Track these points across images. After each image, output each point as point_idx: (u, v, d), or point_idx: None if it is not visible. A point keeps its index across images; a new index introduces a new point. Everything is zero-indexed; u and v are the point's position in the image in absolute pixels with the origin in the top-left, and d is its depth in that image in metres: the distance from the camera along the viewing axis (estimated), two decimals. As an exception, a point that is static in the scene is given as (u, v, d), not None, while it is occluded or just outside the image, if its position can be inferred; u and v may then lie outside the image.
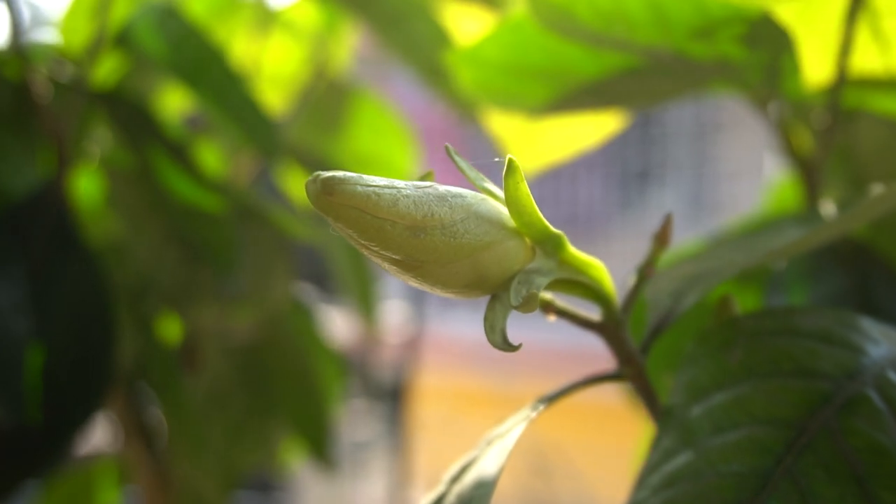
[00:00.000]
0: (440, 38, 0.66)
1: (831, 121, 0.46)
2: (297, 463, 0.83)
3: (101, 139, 0.60)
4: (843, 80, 0.45)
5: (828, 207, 0.41)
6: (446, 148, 0.28)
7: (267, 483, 2.04)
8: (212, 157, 0.74)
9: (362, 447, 2.36)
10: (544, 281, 0.28)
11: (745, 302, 0.49)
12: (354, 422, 2.33)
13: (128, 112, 0.56)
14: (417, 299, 2.09)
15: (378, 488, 2.33)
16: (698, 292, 0.34)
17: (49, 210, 0.54)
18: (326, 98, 0.86)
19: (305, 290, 0.80)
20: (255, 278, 0.65)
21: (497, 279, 0.27)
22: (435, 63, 0.66)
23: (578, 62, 0.47)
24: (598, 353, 0.36)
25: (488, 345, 0.32)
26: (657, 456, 0.31)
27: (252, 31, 0.78)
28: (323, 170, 0.70)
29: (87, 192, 0.63)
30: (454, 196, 0.26)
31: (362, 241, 0.25)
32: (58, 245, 0.54)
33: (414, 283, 0.26)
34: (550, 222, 0.28)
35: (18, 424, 0.50)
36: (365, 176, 0.24)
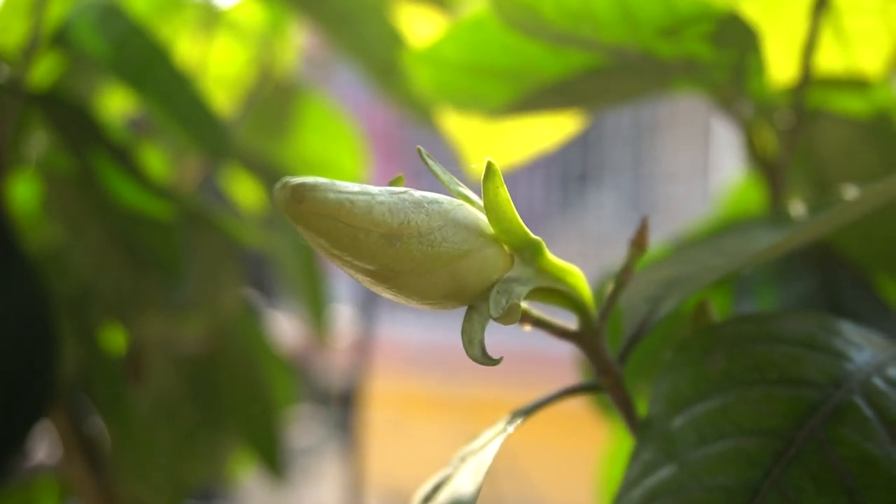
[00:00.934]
0: (392, 37, 0.65)
1: (796, 121, 0.45)
2: (244, 472, 0.81)
3: (38, 142, 0.58)
4: (807, 80, 0.45)
5: (797, 209, 0.41)
6: (418, 150, 0.26)
7: (211, 492, 2.00)
8: (156, 160, 0.72)
9: (309, 452, 2.34)
10: (524, 290, 0.26)
11: (719, 305, 0.48)
12: (300, 427, 2.30)
13: (66, 114, 0.54)
14: (366, 302, 2.07)
15: (325, 494, 2.30)
16: (677, 298, 0.33)
17: (-15, 216, 0.52)
18: (273, 100, 0.84)
19: (252, 296, 0.78)
20: (203, 285, 0.62)
21: (475, 289, 0.25)
22: (387, 63, 0.65)
23: (541, 61, 0.45)
24: (549, 354, 0.35)
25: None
26: (637, 469, 0.30)
27: (196, 30, 0.75)
28: (270, 174, 0.68)
29: (25, 198, 0.60)
30: (430, 202, 0.24)
31: (334, 251, 0.23)
32: (-5, 253, 0.51)
33: (388, 295, 0.25)
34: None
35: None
36: (337, 182, 0.23)
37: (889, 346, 0.31)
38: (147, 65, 0.51)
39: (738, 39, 0.41)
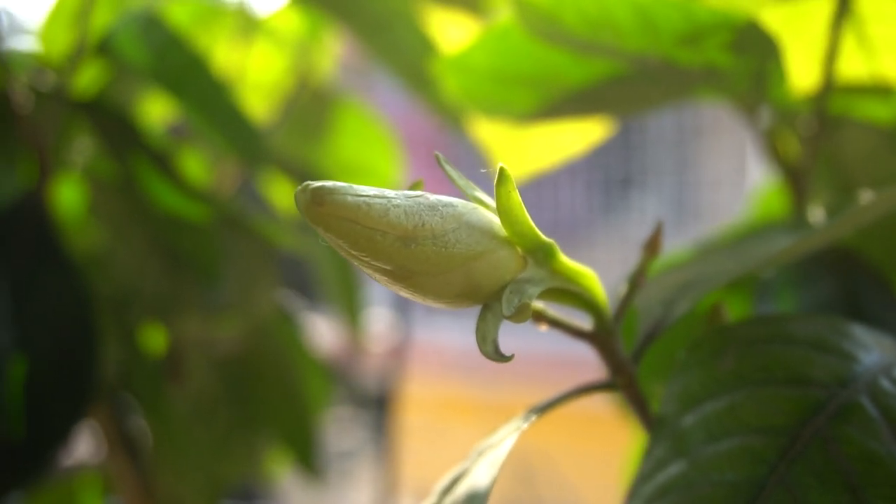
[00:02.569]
0: (424, 45, 0.66)
1: (818, 127, 0.46)
2: (281, 472, 0.82)
3: (83, 148, 0.60)
4: (829, 87, 0.45)
5: (816, 214, 0.41)
6: (436, 156, 0.28)
7: (251, 492, 2.02)
8: (195, 165, 0.73)
9: (347, 456, 2.36)
10: (536, 290, 0.27)
11: (734, 309, 0.49)
12: (339, 430, 2.32)
13: (109, 121, 0.56)
14: (403, 307, 2.09)
15: (363, 497, 2.32)
16: (690, 300, 0.34)
17: (30, 221, 0.54)
18: (310, 106, 0.86)
19: (289, 299, 0.80)
20: (240, 288, 0.64)
21: (489, 289, 0.27)
22: (419, 70, 0.66)
23: (566, 69, 0.46)
24: (584, 360, 0.36)
25: (473, 353, 0.31)
26: (649, 465, 0.31)
27: (235, 38, 0.77)
28: (307, 178, 0.70)
29: (70, 202, 0.62)
30: (445, 205, 0.25)
31: (353, 252, 0.24)
32: (39, 256, 0.53)
33: (405, 294, 0.26)
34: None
35: (1, 436, 0.49)
36: (355, 186, 0.24)
37: (897, 347, 0.32)
38: (186, 73, 0.53)
39: (758, 47, 0.42)
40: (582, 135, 0.60)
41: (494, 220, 0.27)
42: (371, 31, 0.70)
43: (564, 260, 0.29)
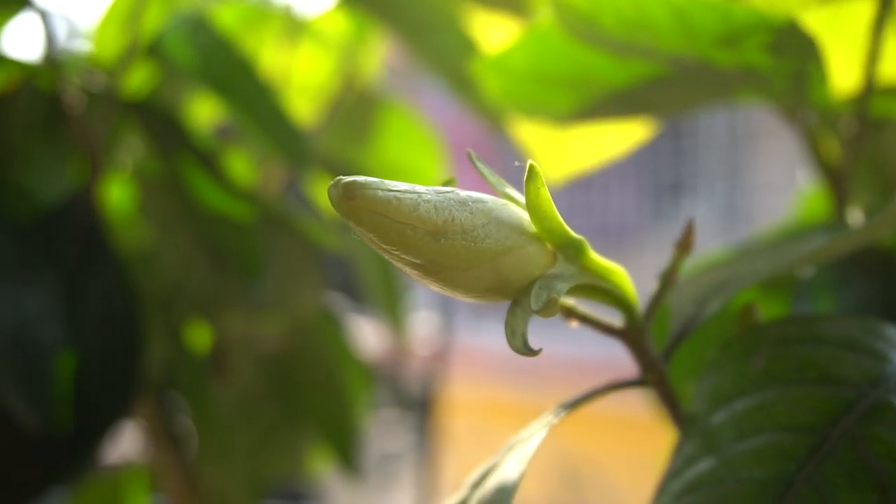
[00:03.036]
0: (467, 47, 0.67)
1: (859, 129, 0.46)
2: (326, 472, 0.83)
3: (132, 148, 0.61)
4: (870, 89, 0.45)
5: (855, 216, 0.41)
6: (468, 154, 0.28)
7: (296, 492, 2.04)
8: (242, 166, 0.75)
9: (391, 458, 2.37)
10: (565, 286, 0.28)
11: (771, 310, 0.49)
12: (384, 432, 2.33)
13: (158, 121, 0.57)
14: (447, 310, 2.09)
15: (407, 499, 2.33)
16: (721, 299, 0.34)
17: (80, 219, 0.55)
18: (356, 108, 0.87)
19: (335, 300, 0.81)
20: (283, 287, 0.65)
21: (518, 284, 0.27)
22: (462, 73, 0.66)
23: (604, 70, 0.47)
24: (627, 365, 0.36)
25: (517, 356, 0.32)
26: (679, 462, 0.31)
27: (281, 41, 0.78)
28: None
29: (119, 201, 0.63)
30: (475, 201, 0.26)
31: (384, 246, 0.25)
32: (88, 253, 0.54)
33: (435, 288, 0.26)
34: (581, 232, 0.28)
35: (46, 430, 0.51)
36: (386, 181, 0.25)
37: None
38: (231, 75, 0.54)
39: (798, 48, 0.41)
40: (623, 136, 0.60)
41: (524, 216, 0.27)
42: (415, 33, 0.71)
43: (594, 256, 0.29)
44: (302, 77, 0.85)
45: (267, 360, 0.71)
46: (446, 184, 0.28)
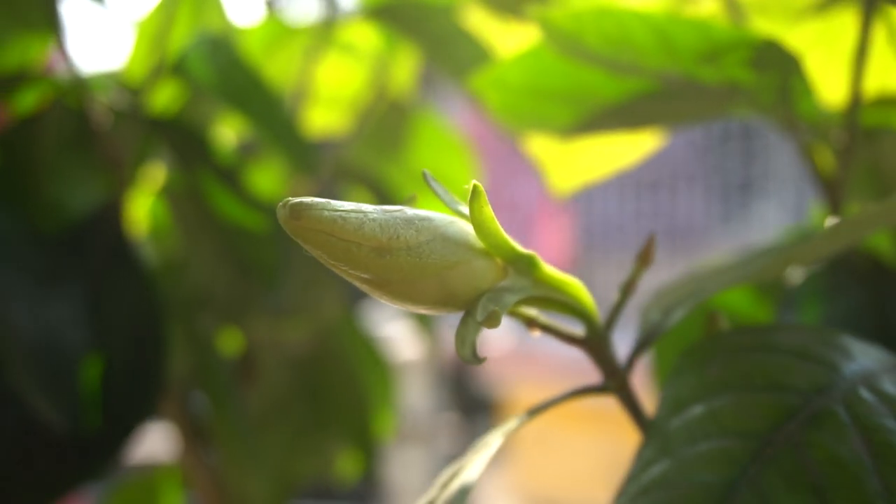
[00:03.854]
0: (483, 58, 0.68)
1: (849, 140, 0.47)
2: (353, 472, 0.85)
3: (158, 163, 0.64)
4: (857, 100, 0.46)
5: (830, 222, 0.42)
6: (423, 173, 0.30)
7: (362, 493, 2.07)
8: (270, 177, 0.77)
9: (456, 461, 2.38)
10: (514, 298, 0.29)
11: (760, 318, 0.50)
12: (449, 436, 2.35)
13: (181, 137, 0.60)
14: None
15: (474, 501, 2.34)
16: (685, 309, 0.35)
17: (106, 230, 0.58)
18: (388, 117, 0.89)
19: (365, 306, 0.83)
20: (305, 293, 0.67)
21: (466, 296, 0.29)
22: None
23: (597, 85, 0.48)
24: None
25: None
26: (637, 466, 0.33)
27: (312, 54, 0.81)
28: (381, 189, 0.73)
29: (148, 213, 0.66)
30: (421, 219, 0.28)
31: (332, 262, 0.27)
32: (114, 263, 0.57)
33: (385, 300, 0.28)
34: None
35: (72, 432, 0.53)
36: (333, 201, 0.27)
37: (889, 360, 0.33)
38: (246, 92, 0.57)
39: (779, 64, 0.43)
40: (632, 146, 0.61)
41: (472, 232, 0.29)
42: (435, 45, 0.73)
43: (548, 270, 0.31)
44: (334, 88, 0.87)
45: (294, 364, 0.73)
46: (408, 203, 0.30)
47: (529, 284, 0.30)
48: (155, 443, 0.77)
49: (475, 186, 0.28)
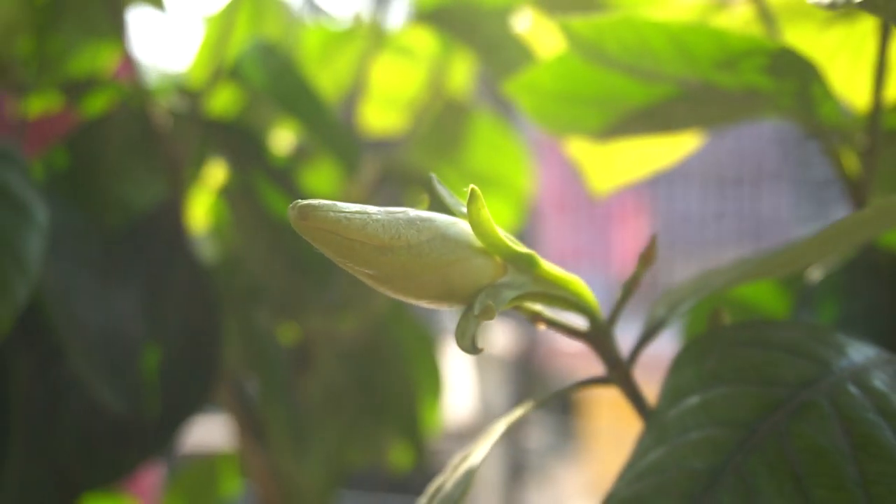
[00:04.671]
0: (527, 62, 0.70)
1: (871, 143, 0.48)
2: (407, 462, 0.88)
3: (216, 163, 0.67)
4: (879, 104, 0.47)
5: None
6: (428, 178, 0.32)
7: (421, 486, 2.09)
8: (328, 178, 0.80)
9: (533, 455, 2.39)
10: (511, 294, 0.31)
11: (784, 313, 0.51)
12: (526, 431, 2.37)
13: (237, 139, 0.63)
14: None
15: (548, 499, 2.35)
16: (689, 304, 0.37)
17: (166, 227, 0.61)
18: (444, 119, 0.91)
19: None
20: (354, 289, 0.70)
21: (466, 292, 0.31)
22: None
23: (624, 90, 0.50)
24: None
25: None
26: (636, 453, 0.35)
27: (367, 57, 0.83)
28: (434, 189, 0.75)
29: (208, 211, 0.70)
30: (423, 220, 0.30)
31: (338, 259, 0.29)
32: (172, 258, 0.61)
33: (389, 294, 0.31)
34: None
35: (132, 416, 0.57)
36: (339, 203, 0.29)
37: (881, 357, 0.34)
38: (295, 95, 0.60)
39: (796, 70, 0.44)
40: (673, 147, 0.63)
41: (471, 232, 0.31)
42: (486, 50, 0.75)
43: (548, 267, 0.33)
44: (392, 90, 0.90)
45: (347, 357, 0.76)
46: (413, 206, 0.32)
47: (529, 281, 0.32)
48: (216, 432, 0.81)
49: (472, 190, 0.30)
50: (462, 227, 0.31)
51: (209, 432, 0.87)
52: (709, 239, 2.56)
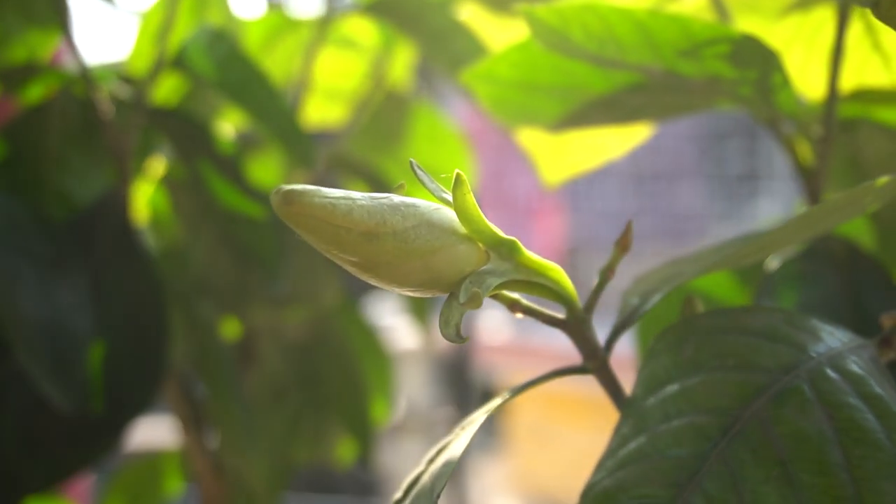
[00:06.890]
0: (478, 53, 0.70)
1: (825, 133, 0.48)
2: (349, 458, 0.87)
3: (160, 152, 0.65)
4: (834, 93, 0.48)
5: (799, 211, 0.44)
6: (410, 162, 0.31)
7: (361, 485, 2.08)
8: (270, 168, 0.79)
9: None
10: (496, 281, 0.31)
11: (743, 302, 0.51)
12: (445, 428, 2.37)
13: (181, 128, 0.61)
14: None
15: (470, 494, 2.36)
16: (662, 293, 0.37)
17: (110, 218, 0.59)
18: (385, 110, 0.91)
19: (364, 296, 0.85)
20: (302, 280, 0.69)
21: (450, 279, 0.30)
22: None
23: (586, 78, 0.50)
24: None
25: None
26: (615, 442, 0.34)
27: (311, 48, 0.82)
28: (377, 180, 0.74)
29: (150, 201, 0.68)
30: (408, 206, 0.29)
31: (322, 246, 0.29)
32: (117, 250, 0.59)
33: (373, 282, 0.30)
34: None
35: (78, 415, 0.55)
36: (323, 189, 0.28)
37: (854, 341, 0.35)
38: (245, 84, 0.58)
39: (758, 59, 0.44)
40: (622, 139, 0.63)
41: (455, 218, 0.31)
42: (431, 40, 0.74)
43: (529, 255, 0.32)
44: (332, 81, 0.89)
45: (292, 351, 0.75)
46: (395, 191, 0.31)
47: (511, 268, 0.32)
48: (157, 430, 0.79)
49: (458, 175, 0.30)
50: (445, 213, 0.31)
51: (149, 430, 0.85)
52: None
